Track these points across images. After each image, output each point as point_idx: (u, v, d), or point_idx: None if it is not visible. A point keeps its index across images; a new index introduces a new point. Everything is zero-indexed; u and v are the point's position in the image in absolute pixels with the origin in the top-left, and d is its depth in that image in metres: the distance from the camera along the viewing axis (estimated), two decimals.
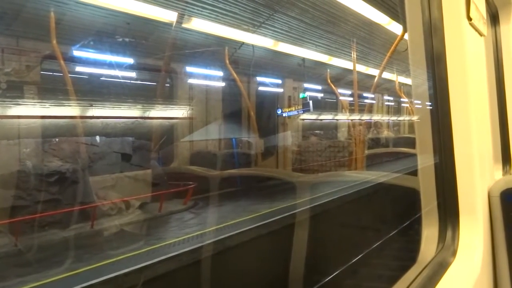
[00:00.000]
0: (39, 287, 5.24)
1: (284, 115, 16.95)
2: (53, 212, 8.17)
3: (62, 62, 9.09)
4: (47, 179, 8.50)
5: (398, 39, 12.68)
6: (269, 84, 16.55)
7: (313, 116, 20.14)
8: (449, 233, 1.78)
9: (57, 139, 9.48)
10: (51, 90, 9.73)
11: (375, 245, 7.73)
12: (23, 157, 8.72)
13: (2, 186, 8.05)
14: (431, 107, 1.98)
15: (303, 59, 16.47)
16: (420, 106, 2.24)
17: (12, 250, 7.16)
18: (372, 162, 16.24)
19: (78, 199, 8.62)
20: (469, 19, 1.82)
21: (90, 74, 10.82)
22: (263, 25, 12.94)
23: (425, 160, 2.00)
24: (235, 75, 13.42)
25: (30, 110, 9.33)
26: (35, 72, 9.13)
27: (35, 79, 9.14)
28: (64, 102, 9.77)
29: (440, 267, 1.61)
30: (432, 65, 1.93)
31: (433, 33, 1.90)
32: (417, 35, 1.95)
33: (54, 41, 8.79)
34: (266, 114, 16.49)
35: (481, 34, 2.04)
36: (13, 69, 8.78)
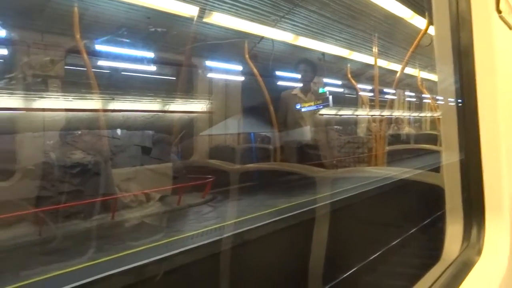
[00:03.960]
0: (63, 275, 5.39)
1: (303, 110, 16.85)
2: (75, 203, 8.35)
3: (85, 56, 9.24)
4: (70, 170, 8.67)
5: (421, 33, 12.39)
6: (288, 78, 16.46)
7: (333, 112, 19.97)
8: (474, 231, 1.74)
9: (79, 132, 9.66)
10: (75, 83, 9.93)
11: (396, 242, 7.65)
12: (47, 149, 8.92)
13: (28, 177, 8.28)
14: (457, 103, 1.93)
15: (323, 54, 16.32)
16: (445, 102, 2.19)
17: (37, 239, 7.38)
18: (393, 158, 16.02)
19: (100, 190, 8.77)
20: (499, 11, 1.77)
21: (112, 68, 11.00)
22: (283, 19, 12.88)
23: (450, 157, 1.96)
24: (254, 69, 13.40)
25: (54, 103, 9.52)
26: (59, 66, 9.32)
27: (59, 73, 9.32)
28: (86, 95, 9.97)
29: (464, 266, 1.58)
30: (458, 59, 1.88)
31: (460, 26, 1.85)
32: (444, 28, 1.91)
33: (78, 36, 8.94)
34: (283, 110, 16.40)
35: (510, 28, 1.98)
36: (38, 63, 8.98)
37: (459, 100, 1.88)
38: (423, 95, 25.08)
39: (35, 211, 7.94)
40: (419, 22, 14.53)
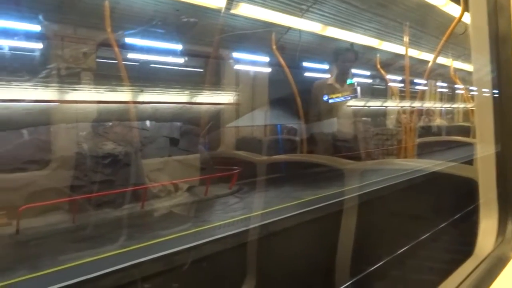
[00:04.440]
0: (98, 261, 5.58)
1: (330, 101, 16.63)
2: (107, 192, 8.60)
3: (116, 49, 9.41)
4: (101, 161, 8.92)
5: (455, 21, 11.93)
6: (316, 69, 16.26)
7: (361, 103, 19.63)
8: (509, 226, 1.68)
9: (110, 123, 9.89)
10: (106, 76, 10.14)
11: (425, 236, 7.49)
12: (79, 140, 9.20)
13: (62, 167, 8.58)
14: (493, 93, 1.86)
15: (351, 44, 16.00)
16: (480, 92, 2.11)
17: (71, 226, 7.67)
18: (423, 151, 15.64)
19: (131, 180, 8.98)
20: None
21: (141, 61, 11.17)
22: (310, 9, 12.69)
23: (485, 149, 1.89)
24: (281, 60, 13.29)
25: (86, 95, 9.75)
26: (91, 59, 9.53)
27: (91, 66, 9.54)
28: (117, 88, 10.17)
29: (499, 261, 1.53)
30: (496, 47, 1.81)
31: (498, 13, 1.77)
32: (480, 15, 1.83)
33: (109, 29, 9.10)
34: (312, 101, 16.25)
35: None
36: (71, 56, 9.20)
37: (496, 90, 1.81)
38: (455, 86, 24.26)
39: (68, 200, 8.24)
40: (452, 9, 14.02)
